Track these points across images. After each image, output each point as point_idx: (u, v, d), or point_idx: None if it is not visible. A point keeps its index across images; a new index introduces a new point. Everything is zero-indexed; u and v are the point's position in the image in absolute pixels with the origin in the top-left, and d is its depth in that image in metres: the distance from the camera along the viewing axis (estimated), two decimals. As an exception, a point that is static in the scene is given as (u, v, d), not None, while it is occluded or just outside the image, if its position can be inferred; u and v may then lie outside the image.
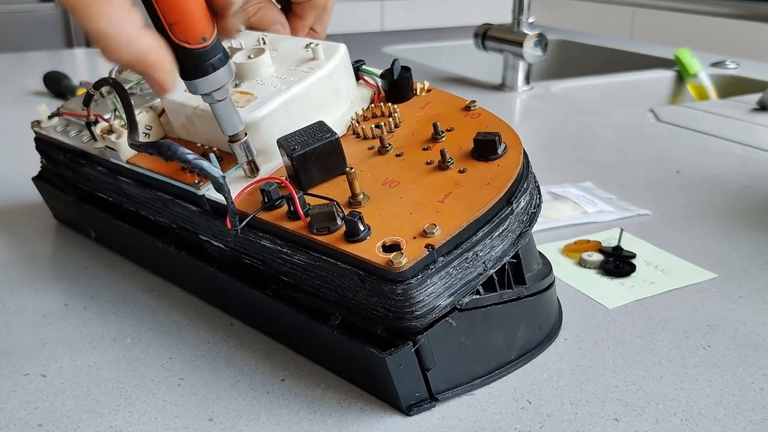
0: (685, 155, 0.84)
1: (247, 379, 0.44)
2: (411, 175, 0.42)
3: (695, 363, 0.45)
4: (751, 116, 1.01)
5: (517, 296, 0.42)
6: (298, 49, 0.51)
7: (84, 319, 0.51)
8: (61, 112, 0.61)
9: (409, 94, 0.51)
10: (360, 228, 0.38)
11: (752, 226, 0.64)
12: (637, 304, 0.51)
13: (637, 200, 0.70)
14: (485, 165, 0.42)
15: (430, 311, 0.37)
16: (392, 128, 0.48)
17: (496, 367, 0.43)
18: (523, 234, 0.41)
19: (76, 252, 0.61)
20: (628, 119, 1.01)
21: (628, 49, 1.50)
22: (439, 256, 0.37)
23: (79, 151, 0.57)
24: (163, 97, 0.49)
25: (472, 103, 0.48)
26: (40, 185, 0.66)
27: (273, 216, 0.42)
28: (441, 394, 0.40)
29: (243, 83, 0.49)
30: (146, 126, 0.52)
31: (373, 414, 0.40)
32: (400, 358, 0.37)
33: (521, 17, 1.14)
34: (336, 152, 0.43)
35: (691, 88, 1.30)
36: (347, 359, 0.42)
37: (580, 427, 0.39)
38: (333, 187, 0.43)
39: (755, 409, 0.40)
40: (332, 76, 0.49)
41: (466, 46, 1.48)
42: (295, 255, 0.41)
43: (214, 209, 0.47)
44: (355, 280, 0.38)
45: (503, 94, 1.16)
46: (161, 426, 0.40)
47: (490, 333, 0.42)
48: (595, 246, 0.59)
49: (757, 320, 0.49)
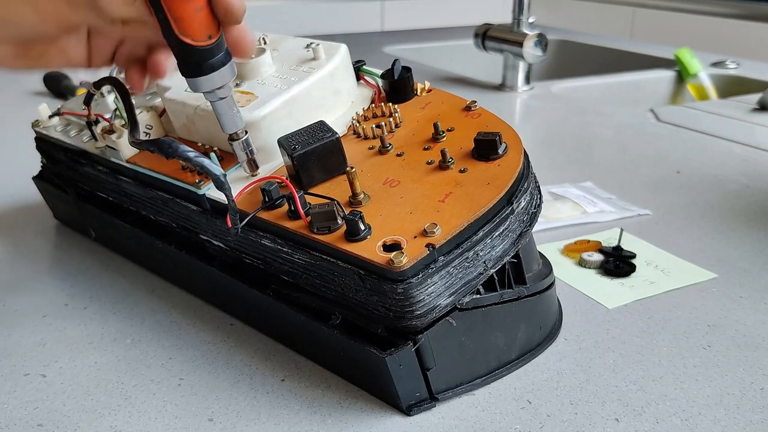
0: (685, 155, 0.84)
1: (247, 379, 0.44)
2: (412, 175, 0.42)
3: (695, 363, 0.45)
4: (751, 116, 1.01)
5: (517, 296, 0.42)
6: (299, 49, 0.51)
7: (84, 319, 0.51)
8: (62, 111, 0.62)
9: (409, 95, 0.51)
10: (360, 227, 0.38)
11: (752, 226, 0.64)
12: (637, 304, 0.51)
13: (637, 200, 0.70)
14: (486, 165, 0.42)
15: (430, 310, 0.37)
16: (393, 128, 0.48)
17: (496, 367, 0.43)
18: (523, 234, 0.41)
19: (76, 252, 0.61)
20: (628, 119, 1.01)
21: (628, 49, 1.50)
22: (439, 256, 0.37)
23: (79, 151, 0.57)
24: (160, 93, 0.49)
25: (473, 104, 0.48)
26: (40, 185, 0.66)
27: (273, 215, 0.42)
28: (441, 394, 0.40)
29: (244, 83, 0.49)
30: (147, 125, 0.52)
31: (373, 414, 0.40)
32: (400, 357, 0.37)
33: (521, 17, 1.14)
34: (337, 152, 0.43)
35: (691, 88, 1.30)
36: (347, 359, 0.42)
37: (580, 427, 0.39)
38: (333, 187, 0.43)
39: (755, 409, 0.41)
40: (333, 76, 0.49)
41: (466, 46, 1.48)
42: (295, 254, 0.41)
43: (214, 208, 0.47)
44: (356, 280, 0.38)
45: (503, 94, 1.16)
46: (161, 426, 0.40)
47: (491, 333, 0.42)
48: (595, 246, 0.59)
49: (757, 320, 0.49)
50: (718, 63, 1.34)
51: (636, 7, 1.73)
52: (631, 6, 1.74)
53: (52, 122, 0.61)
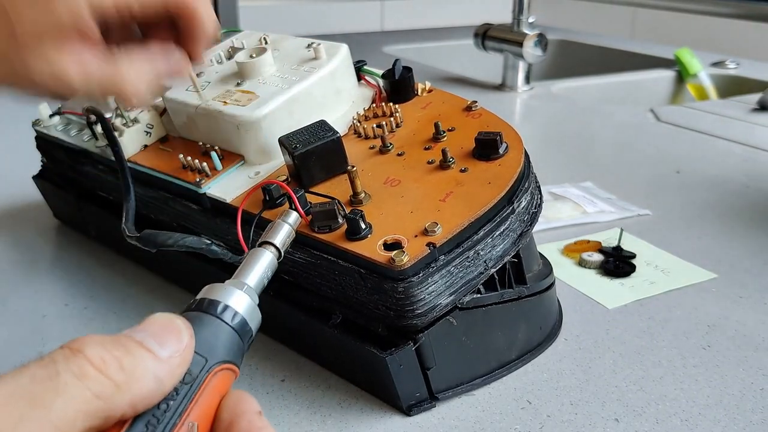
0: (685, 155, 0.84)
1: (247, 379, 0.44)
2: (412, 174, 0.42)
3: (695, 363, 0.45)
4: (751, 116, 1.01)
5: (517, 296, 0.42)
6: (300, 49, 0.51)
7: (84, 319, 0.51)
8: (62, 111, 0.61)
9: (410, 95, 0.51)
10: (361, 226, 0.38)
11: (752, 226, 0.64)
12: (637, 304, 0.51)
13: (637, 200, 0.70)
14: (486, 164, 0.42)
15: (431, 310, 0.37)
16: (393, 128, 0.48)
17: (496, 367, 0.43)
18: (524, 233, 0.41)
19: (76, 251, 0.61)
20: (628, 119, 1.01)
21: (628, 49, 1.50)
22: (440, 255, 0.37)
23: (80, 150, 0.57)
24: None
25: (474, 104, 0.48)
26: (40, 184, 0.66)
27: (275, 214, 0.42)
28: (441, 394, 0.40)
29: (245, 82, 0.49)
30: (148, 125, 0.52)
31: (373, 414, 0.40)
32: (400, 357, 0.37)
33: (521, 17, 1.14)
34: (337, 151, 0.43)
35: (691, 88, 1.30)
36: (347, 358, 0.42)
37: (580, 427, 0.39)
38: (334, 186, 0.43)
39: (755, 409, 0.40)
40: (334, 76, 0.49)
41: (466, 46, 1.48)
42: (296, 253, 0.41)
43: (214, 207, 0.47)
44: (356, 278, 0.38)
45: (503, 94, 1.16)
46: (161, 425, 0.40)
47: (491, 332, 0.42)
48: (595, 246, 0.59)
49: (757, 320, 0.49)
50: (718, 63, 1.34)
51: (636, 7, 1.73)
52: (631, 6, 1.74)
53: (52, 121, 0.61)
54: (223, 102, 0.47)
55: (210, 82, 0.50)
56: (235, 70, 0.51)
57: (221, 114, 0.47)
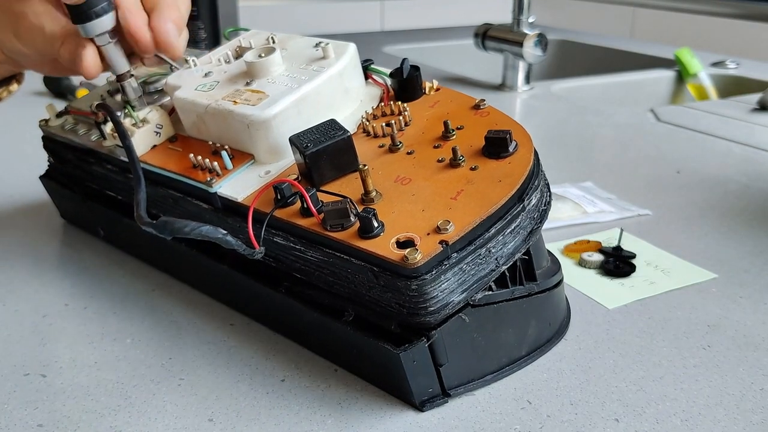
0: (685, 155, 0.85)
1: (247, 379, 0.44)
2: (423, 173, 0.43)
3: (695, 363, 0.45)
4: (751, 116, 1.02)
5: (528, 292, 0.43)
6: (308, 48, 0.51)
7: (84, 319, 0.51)
8: (69, 110, 0.62)
9: (418, 93, 0.51)
10: (374, 224, 0.38)
11: (752, 226, 0.65)
12: (637, 304, 0.51)
13: (637, 200, 0.70)
14: (496, 162, 0.42)
15: (443, 307, 0.38)
16: (402, 126, 0.48)
17: (507, 363, 0.43)
18: (534, 231, 0.41)
19: (81, 251, 0.61)
20: (628, 119, 1.01)
21: (628, 49, 1.50)
22: (452, 252, 0.38)
23: (87, 150, 0.58)
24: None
25: (482, 102, 0.48)
26: (47, 184, 0.66)
27: (286, 213, 0.42)
28: (453, 390, 0.41)
29: (254, 82, 0.49)
30: (157, 125, 0.52)
31: (373, 414, 0.40)
32: (413, 353, 0.38)
33: (521, 17, 1.14)
34: (348, 150, 0.44)
35: (691, 88, 1.30)
36: (360, 355, 0.42)
37: (580, 428, 0.39)
38: (345, 185, 0.43)
39: (755, 409, 0.41)
40: (342, 75, 0.49)
41: (466, 46, 1.49)
42: (308, 252, 0.42)
43: (225, 206, 0.47)
44: (369, 276, 0.39)
45: (503, 94, 1.17)
46: (161, 426, 0.40)
47: (502, 329, 0.42)
48: (595, 246, 0.59)
49: (757, 320, 0.49)
50: (718, 63, 1.35)
51: (636, 7, 1.74)
52: (631, 6, 1.75)
53: (59, 121, 0.62)
54: (233, 101, 0.48)
55: (219, 82, 0.51)
56: (243, 70, 0.51)
57: (231, 113, 0.47)
